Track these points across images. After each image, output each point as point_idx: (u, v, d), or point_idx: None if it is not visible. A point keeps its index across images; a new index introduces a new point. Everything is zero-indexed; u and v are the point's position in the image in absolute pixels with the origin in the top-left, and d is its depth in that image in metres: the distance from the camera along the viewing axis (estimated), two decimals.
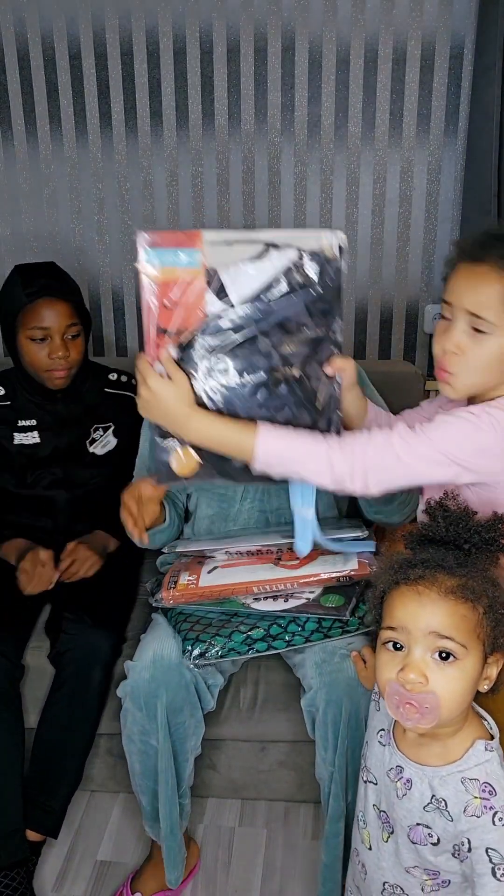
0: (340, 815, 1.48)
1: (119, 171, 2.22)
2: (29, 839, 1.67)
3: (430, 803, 1.07)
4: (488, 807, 1.03)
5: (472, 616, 1.02)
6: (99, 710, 1.71)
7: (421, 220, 2.21)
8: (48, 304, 1.75)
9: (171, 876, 1.60)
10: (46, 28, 2.10)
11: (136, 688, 1.52)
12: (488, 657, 1.05)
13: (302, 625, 1.51)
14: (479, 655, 1.03)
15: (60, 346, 1.77)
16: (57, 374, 1.81)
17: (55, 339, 1.77)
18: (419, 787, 1.08)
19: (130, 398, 1.95)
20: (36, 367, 1.81)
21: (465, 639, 1.01)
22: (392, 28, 2.04)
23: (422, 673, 1.00)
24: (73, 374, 1.84)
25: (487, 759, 1.05)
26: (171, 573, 1.61)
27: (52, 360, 1.78)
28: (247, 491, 1.72)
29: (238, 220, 2.23)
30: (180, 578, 1.57)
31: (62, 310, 1.77)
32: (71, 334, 1.79)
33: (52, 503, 1.90)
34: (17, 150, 2.22)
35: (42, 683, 1.75)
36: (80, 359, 1.84)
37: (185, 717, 1.53)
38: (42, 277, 1.77)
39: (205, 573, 1.57)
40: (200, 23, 2.07)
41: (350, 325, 2.32)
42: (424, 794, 1.08)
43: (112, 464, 1.92)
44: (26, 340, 1.78)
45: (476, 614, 1.02)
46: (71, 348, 1.80)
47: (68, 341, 1.79)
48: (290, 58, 2.08)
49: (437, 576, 1.03)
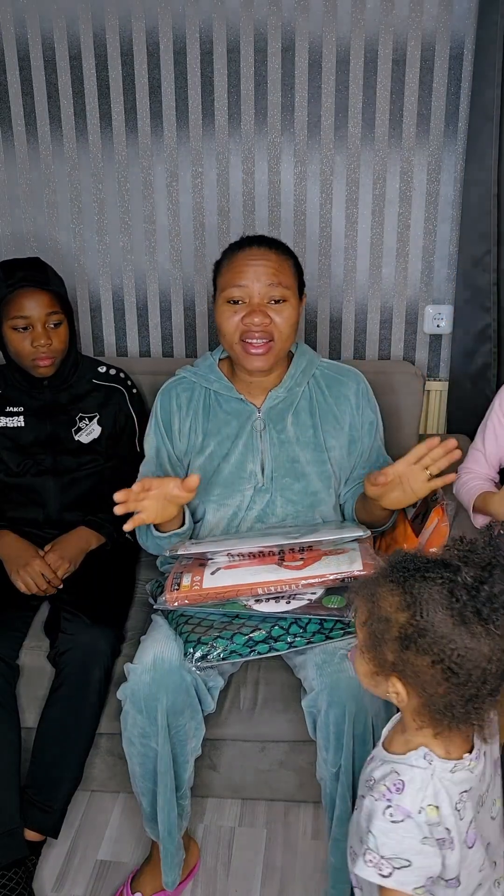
0: (348, 817, 1.48)
1: (119, 171, 2.22)
2: (29, 839, 1.68)
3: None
4: (387, 798, 1.03)
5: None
6: (99, 710, 1.71)
7: (421, 220, 2.21)
8: (29, 294, 1.81)
9: (167, 879, 1.60)
10: (46, 29, 2.10)
11: (137, 691, 1.51)
12: (389, 676, 1.03)
13: (304, 626, 1.51)
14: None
15: (42, 334, 1.83)
16: (41, 363, 1.86)
17: (37, 327, 1.83)
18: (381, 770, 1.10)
19: (118, 389, 1.99)
20: (20, 356, 1.87)
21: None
22: (392, 28, 2.04)
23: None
24: (57, 362, 1.90)
25: (419, 766, 1.05)
26: (173, 575, 1.60)
27: (35, 349, 1.84)
28: (253, 501, 1.73)
29: (238, 219, 2.23)
30: (183, 580, 1.56)
31: (42, 299, 1.82)
32: (52, 322, 1.84)
33: (41, 492, 1.92)
34: (17, 151, 2.22)
35: (41, 683, 1.75)
36: (64, 347, 1.89)
37: (185, 719, 1.53)
38: (23, 270, 1.84)
39: (208, 574, 1.56)
40: (200, 23, 2.07)
41: (350, 324, 2.32)
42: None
43: (97, 452, 1.95)
44: (10, 330, 1.84)
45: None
46: (53, 337, 1.85)
47: (50, 330, 1.85)
48: (290, 58, 2.08)
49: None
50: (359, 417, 1.77)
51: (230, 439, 1.74)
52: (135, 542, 2.02)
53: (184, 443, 1.76)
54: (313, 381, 1.78)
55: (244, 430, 1.74)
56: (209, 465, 1.74)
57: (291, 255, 1.71)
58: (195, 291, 2.32)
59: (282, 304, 1.64)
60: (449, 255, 2.23)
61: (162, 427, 1.78)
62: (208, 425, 1.75)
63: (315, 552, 1.57)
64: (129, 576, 1.98)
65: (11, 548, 1.84)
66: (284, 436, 1.73)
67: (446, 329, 2.29)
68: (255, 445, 1.73)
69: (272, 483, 1.72)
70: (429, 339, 2.33)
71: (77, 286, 2.33)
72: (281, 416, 1.74)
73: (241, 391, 1.76)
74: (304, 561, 1.54)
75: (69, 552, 1.84)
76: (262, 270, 1.63)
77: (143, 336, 2.38)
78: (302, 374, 1.77)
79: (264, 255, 1.65)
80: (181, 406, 1.77)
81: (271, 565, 1.55)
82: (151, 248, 2.28)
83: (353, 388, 1.79)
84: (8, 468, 1.92)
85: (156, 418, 1.79)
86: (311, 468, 1.73)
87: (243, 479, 1.72)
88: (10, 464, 1.92)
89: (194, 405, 1.77)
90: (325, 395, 1.77)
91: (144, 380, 2.12)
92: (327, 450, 1.74)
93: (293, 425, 1.74)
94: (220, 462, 1.73)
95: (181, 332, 2.36)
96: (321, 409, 1.76)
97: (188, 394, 1.78)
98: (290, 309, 1.65)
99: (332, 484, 1.74)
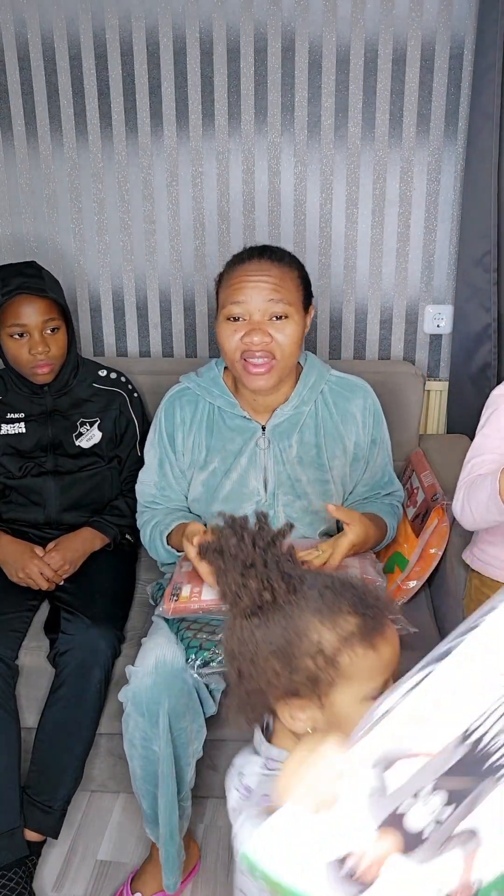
0: None
1: (119, 171, 2.22)
2: (29, 839, 1.68)
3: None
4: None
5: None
6: (99, 710, 1.71)
7: (421, 220, 2.21)
8: (25, 301, 1.80)
9: (168, 881, 1.60)
10: (46, 28, 2.10)
11: (139, 693, 1.51)
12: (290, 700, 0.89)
13: None
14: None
15: (40, 341, 1.81)
16: (40, 370, 1.85)
17: (34, 334, 1.81)
18: None
19: (119, 394, 1.98)
20: (19, 364, 1.86)
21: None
22: (392, 28, 2.04)
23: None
24: (56, 368, 1.88)
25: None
26: (172, 584, 1.59)
27: (33, 356, 1.82)
28: None
29: (238, 219, 2.23)
30: (182, 591, 1.55)
31: (39, 306, 1.80)
32: (50, 329, 1.83)
33: (41, 493, 1.92)
34: (17, 151, 2.22)
35: (41, 684, 1.75)
36: (63, 353, 1.88)
37: (187, 722, 1.53)
38: (19, 276, 1.81)
39: (206, 585, 1.56)
40: (200, 23, 2.07)
41: (350, 325, 2.32)
42: None
43: (98, 455, 1.95)
44: (7, 338, 1.83)
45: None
46: (51, 343, 1.83)
47: (48, 336, 1.83)
48: (290, 58, 2.08)
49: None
50: (364, 436, 1.75)
51: (233, 455, 1.71)
52: (135, 543, 2.02)
53: (187, 458, 1.74)
54: (321, 398, 1.73)
55: (247, 446, 1.71)
56: (212, 481, 1.72)
57: (297, 265, 1.64)
58: (195, 291, 2.32)
59: (283, 321, 1.58)
60: (449, 255, 2.23)
61: (166, 440, 1.75)
62: (211, 441, 1.72)
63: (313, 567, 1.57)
64: (129, 576, 1.98)
65: (7, 550, 1.84)
66: (288, 455, 1.70)
67: (446, 329, 2.29)
68: (258, 463, 1.70)
69: (275, 500, 1.71)
70: (429, 339, 2.33)
71: (77, 286, 2.33)
72: (286, 434, 1.71)
73: (245, 407, 1.72)
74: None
75: (70, 554, 1.84)
76: (262, 286, 1.56)
77: (143, 336, 2.38)
78: (310, 392, 1.72)
79: (265, 268, 1.58)
80: (185, 420, 1.74)
81: None
82: (151, 248, 2.28)
83: (360, 405, 1.75)
84: (9, 472, 1.92)
85: (159, 431, 1.76)
86: (312, 488, 1.71)
87: (245, 496, 1.71)
88: (11, 468, 1.92)
89: (198, 420, 1.73)
90: (331, 413, 1.73)
91: (144, 380, 2.12)
92: (330, 468, 1.72)
93: (297, 444, 1.71)
94: (222, 478, 1.71)
95: (181, 332, 2.36)
96: (326, 428, 1.72)
97: (192, 407, 1.74)
98: (292, 325, 1.59)
99: (333, 501, 1.72)
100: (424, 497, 1.91)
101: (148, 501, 1.78)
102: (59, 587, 1.83)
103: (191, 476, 1.75)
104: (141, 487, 1.80)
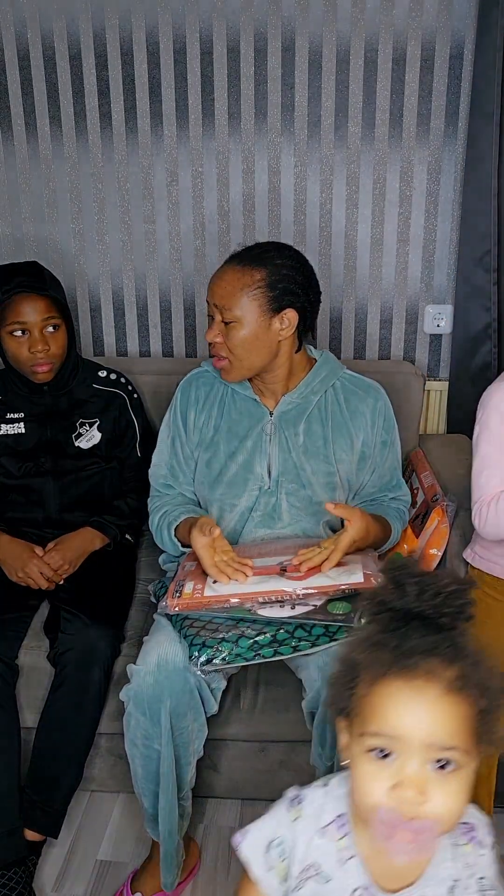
0: None
1: (119, 171, 2.22)
2: (29, 839, 1.68)
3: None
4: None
5: (471, 713, 0.82)
6: (99, 710, 1.71)
7: (421, 220, 2.21)
8: (25, 300, 1.80)
9: (166, 880, 1.60)
10: (46, 28, 2.10)
11: (140, 692, 1.51)
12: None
13: (309, 630, 1.50)
14: (478, 757, 0.84)
15: (39, 340, 1.81)
16: (39, 369, 1.85)
17: (34, 333, 1.81)
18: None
19: (118, 395, 1.98)
20: (19, 363, 1.86)
21: (469, 743, 0.82)
22: (392, 28, 2.04)
23: (422, 789, 0.79)
24: (56, 367, 1.88)
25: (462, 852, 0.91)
26: (175, 581, 1.60)
27: (33, 355, 1.82)
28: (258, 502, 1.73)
29: (238, 219, 2.23)
30: (185, 588, 1.56)
31: (39, 304, 1.81)
32: (50, 327, 1.83)
33: (40, 493, 1.92)
34: (17, 150, 2.22)
35: (41, 683, 1.75)
36: (62, 353, 1.88)
37: (188, 721, 1.53)
38: (19, 275, 1.82)
39: (209, 582, 1.56)
40: (200, 23, 2.07)
41: (350, 324, 2.32)
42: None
43: (97, 456, 1.95)
44: (7, 336, 1.83)
45: (474, 710, 0.82)
46: (51, 342, 1.84)
47: (48, 335, 1.83)
48: (290, 58, 2.08)
49: (434, 666, 0.82)
50: (373, 436, 1.76)
51: (239, 438, 1.74)
52: (135, 543, 2.02)
53: (196, 436, 1.78)
54: (332, 392, 1.77)
55: (254, 430, 1.74)
56: (215, 461, 1.75)
57: (267, 267, 1.62)
58: (195, 291, 2.32)
59: (231, 326, 1.64)
60: (449, 255, 2.23)
61: (179, 419, 1.80)
62: (221, 421, 1.77)
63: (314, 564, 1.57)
64: (129, 576, 1.98)
65: (7, 550, 1.84)
66: (293, 442, 1.73)
67: (446, 329, 2.29)
68: (263, 448, 1.73)
69: (278, 487, 1.72)
70: (429, 339, 2.33)
71: (77, 286, 2.33)
72: (293, 422, 1.74)
73: (256, 392, 1.76)
74: (305, 571, 1.54)
75: (70, 554, 1.84)
76: (219, 292, 1.65)
77: (143, 336, 2.38)
78: (320, 383, 1.76)
79: (225, 274, 1.65)
80: (199, 399, 1.80)
81: (273, 575, 1.55)
82: (151, 248, 2.28)
83: (371, 405, 1.77)
84: (8, 472, 1.92)
85: (174, 410, 1.82)
86: (316, 478, 1.72)
87: (249, 480, 1.72)
88: (11, 468, 1.92)
89: (211, 400, 1.79)
90: (341, 408, 1.76)
91: (144, 380, 2.12)
92: (336, 462, 1.73)
93: (304, 433, 1.73)
94: (227, 460, 1.74)
95: (181, 332, 2.36)
96: (335, 421, 1.75)
97: (207, 388, 1.80)
98: (241, 330, 1.63)
99: (337, 496, 1.73)
100: (424, 497, 1.91)
101: (160, 485, 1.82)
102: (58, 587, 1.83)
103: (197, 456, 1.78)
104: (154, 469, 1.83)
